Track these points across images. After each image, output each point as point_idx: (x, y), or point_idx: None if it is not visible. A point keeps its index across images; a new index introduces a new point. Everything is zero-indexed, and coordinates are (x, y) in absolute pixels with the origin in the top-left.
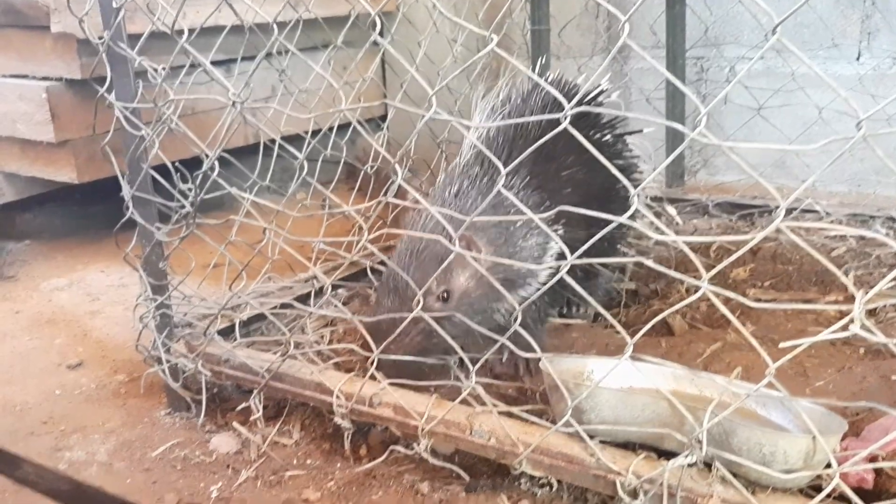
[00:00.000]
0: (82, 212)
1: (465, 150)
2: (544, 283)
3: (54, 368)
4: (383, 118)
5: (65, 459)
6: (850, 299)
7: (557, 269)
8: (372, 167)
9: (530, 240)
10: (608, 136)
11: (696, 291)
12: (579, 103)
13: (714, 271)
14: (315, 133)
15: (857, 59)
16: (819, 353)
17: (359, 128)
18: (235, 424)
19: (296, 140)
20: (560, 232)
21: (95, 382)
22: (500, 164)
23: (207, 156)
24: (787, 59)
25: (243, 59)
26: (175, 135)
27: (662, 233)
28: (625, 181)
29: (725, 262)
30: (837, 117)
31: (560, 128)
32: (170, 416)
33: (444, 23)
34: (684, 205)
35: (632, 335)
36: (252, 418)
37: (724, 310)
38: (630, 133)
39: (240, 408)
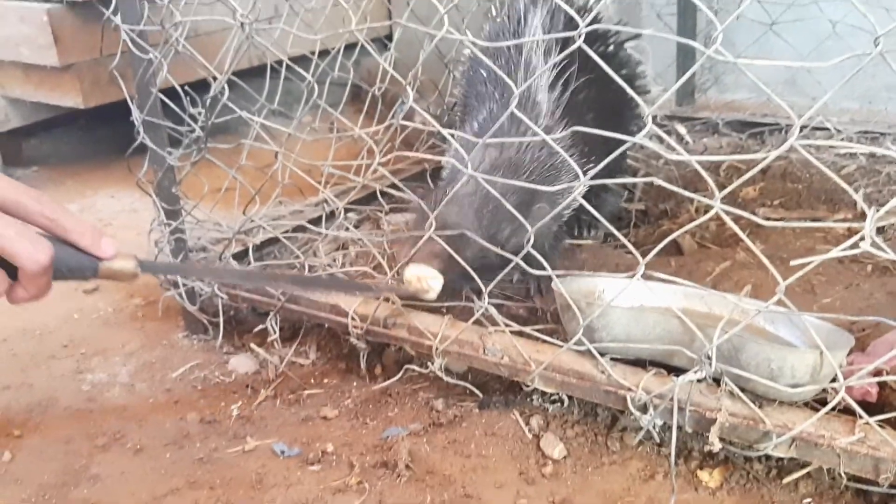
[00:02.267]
0: (88, 137)
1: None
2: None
3: (71, 293)
4: (388, 37)
5: (87, 381)
6: (860, 217)
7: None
8: (379, 89)
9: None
10: (611, 47)
11: (706, 211)
12: (594, 21)
13: (726, 191)
14: (321, 54)
15: None
16: (827, 270)
17: (368, 47)
18: (253, 346)
19: (300, 62)
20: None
21: (112, 306)
22: (513, 86)
23: (216, 78)
24: None
25: None
26: (180, 57)
27: (675, 152)
28: (639, 101)
29: (738, 182)
30: (851, 32)
31: (575, 46)
32: (188, 339)
33: None
34: (694, 123)
35: (642, 255)
36: (269, 340)
37: (736, 228)
38: (629, 39)
39: (256, 330)
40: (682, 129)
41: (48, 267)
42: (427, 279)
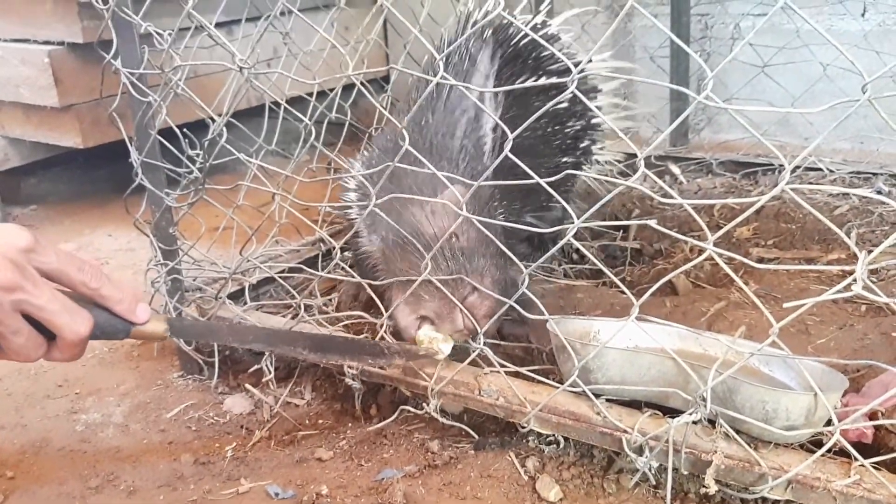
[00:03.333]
0: (87, 176)
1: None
2: None
3: None
4: (385, 79)
5: (81, 421)
6: (853, 258)
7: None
8: (376, 129)
9: None
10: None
11: (701, 251)
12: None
13: (719, 234)
14: (319, 95)
15: (863, 14)
16: (821, 310)
17: (365, 91)
18: (248, 386)
19: (298, 102)
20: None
21: (108, 346)
22: (508, 131)
23: (214, 120)
24: (792, 15)
25: (246, 20)
26: (179, 98)
27: (667, 195)
28: (633, 146)
29: (730, 225)
30: (842, 74)
31: (567, 93)
32: (182, 379)
33: None
34: (688, 163)
35: (636, 294)
36: (264, 380)
37: (729, 271)
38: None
39: (252, 370)
40: (676, 169)
41: (87, 338)
42: (438, 341)
